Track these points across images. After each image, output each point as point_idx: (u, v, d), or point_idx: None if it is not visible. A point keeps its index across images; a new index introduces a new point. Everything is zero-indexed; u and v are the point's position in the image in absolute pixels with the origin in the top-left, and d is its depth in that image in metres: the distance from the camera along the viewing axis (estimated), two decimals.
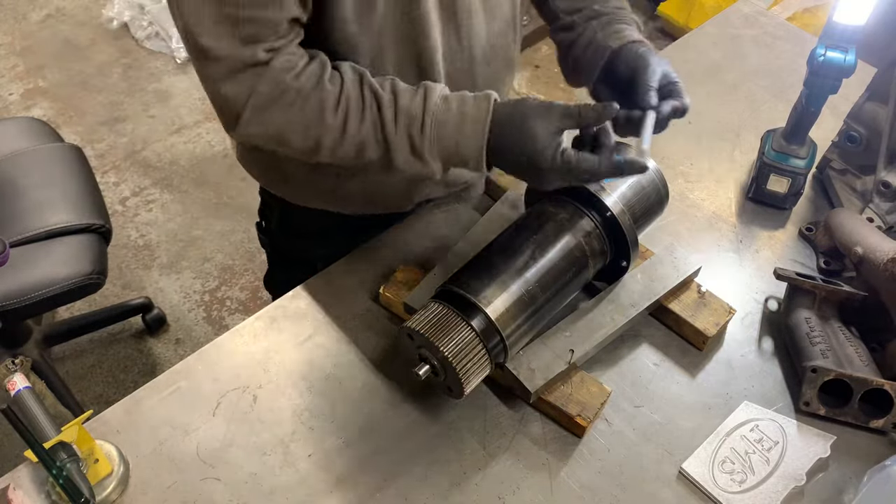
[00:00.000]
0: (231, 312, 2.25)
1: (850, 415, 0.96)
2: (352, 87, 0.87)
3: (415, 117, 0.87)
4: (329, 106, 0.86)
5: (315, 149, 0.90)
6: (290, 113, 0.86)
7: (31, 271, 1.55)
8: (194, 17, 0.81)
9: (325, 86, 0.86)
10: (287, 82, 0.85)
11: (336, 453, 0.92)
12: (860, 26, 1.05)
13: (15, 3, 3.17)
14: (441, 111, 0.86)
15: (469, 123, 0.86)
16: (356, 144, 0.89)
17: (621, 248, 0.98)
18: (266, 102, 0.85)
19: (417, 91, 0.88)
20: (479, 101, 0.87)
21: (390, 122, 0.87)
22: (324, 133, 0.88)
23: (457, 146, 0.87)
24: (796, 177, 1.18)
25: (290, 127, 0.88)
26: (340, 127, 0.87)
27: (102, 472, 0.86)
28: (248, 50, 0.83)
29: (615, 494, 0.90)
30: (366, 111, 0.87)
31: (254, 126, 0.88)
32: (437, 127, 0.86)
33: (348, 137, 0.88)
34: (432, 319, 0.87)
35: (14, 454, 1.90)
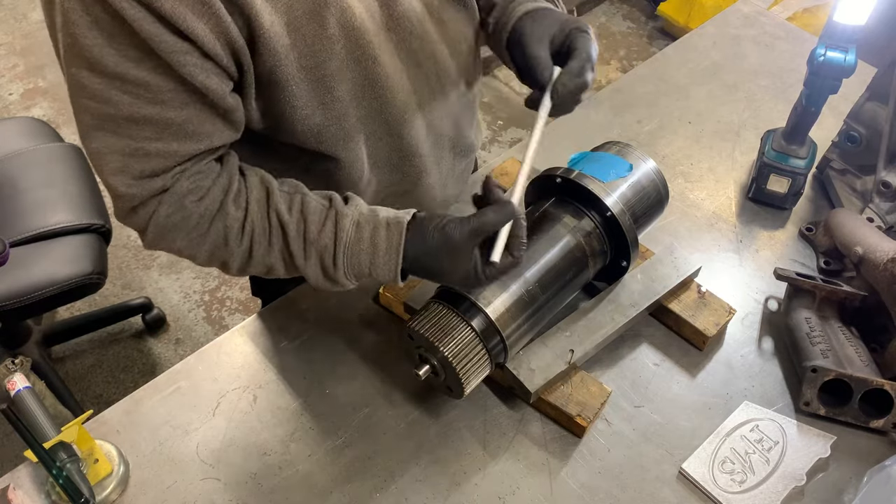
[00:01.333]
0: (231, 312, 2.25)
1: (850, 415, 0.96)
2: (257, 211, 0.84)
3: (325, 248, 0.84)
4: (233, 234, 0.84)
5: (223, 267, 0.88)
6: (192, 237, 0.83)
7: (31, 271, 1.55)
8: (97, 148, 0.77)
9: (228, 211, 0.83)
10: (189, 208, 0.81)
11: (336, 453, 0.92)
12: (860, 26, 1.05)
13: (15, 3, 3.18)
14: (353, 242, 0.84)
15: (381, 254, 0.84)
16: (265, 266, 0.87)
17: (621, 248, 0.98)
18: (168, 225, 0.82)
19: (327, 217, 0.84)
20: (392, 230, 0.84)
21: (299, 254, 0.85)
22: (229, 257, 0.85)
23: (370, 272, 0.86)
24: (796, 177, 1.18)
25: (194, 250, 0.85)
26: (246, 252, 0.85)
27: (102, 472, 0.86)
28: (149, 184, 0.79)
29: (615, 494, 0.91)
30: (273, 239, 0.85)
31: (159, 245, 0.85)
32: (350, 256, 0.84)
33: (255, 261, 0.86)
34: (432, 319, 0.87)
35: (14, 454, 1.90)
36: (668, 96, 1.41)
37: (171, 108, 0.75)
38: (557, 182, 0.98)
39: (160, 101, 0.74)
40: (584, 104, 1.37)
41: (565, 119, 1.36)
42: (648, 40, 3.21)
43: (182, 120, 0.76)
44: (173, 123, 0.76)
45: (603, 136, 1.25)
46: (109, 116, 0.74)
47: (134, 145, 0.76)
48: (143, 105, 0.74)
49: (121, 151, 0.77)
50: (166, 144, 0.77)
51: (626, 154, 1.02)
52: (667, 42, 3.07)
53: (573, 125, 1.34)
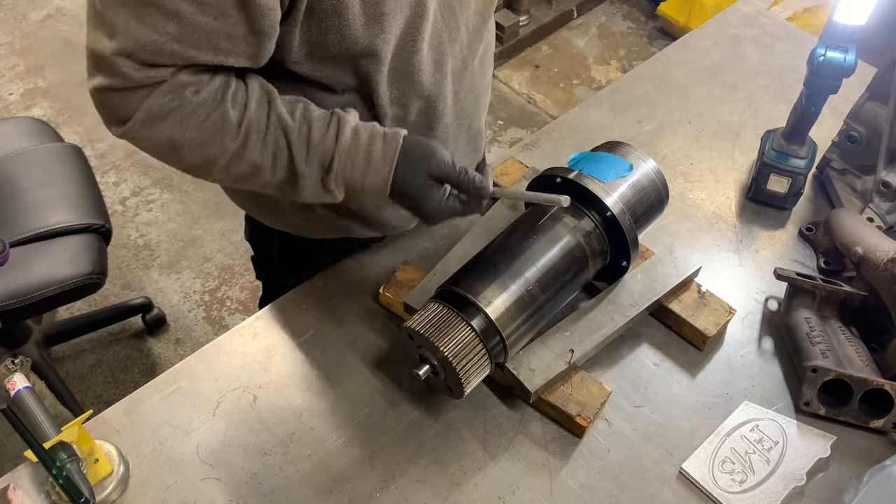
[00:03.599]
0: (231, 312, 2.25)
1: (850, 415, 0.96)
2: (256, 109, 0.83)
3: (326, 152, 0.85)
4: (230, 128, 0.82)
5: (206, 165, 0.85)
6: (186, 127, 0.81)
7: (31, 271, 1.55)
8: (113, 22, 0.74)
9: (226, 106, 0.82)
10: (187, 97, 0.80)
11: (336, 453, 0.92)
12: (860, 26, 1.05)
13: (15, 3, 3.17)
14: (350, 147, 0.86)
15: (374, 165, 0.87)
16: (253, 166, 0.86)
17: (621, 248, 0.98)
18: (161, 113, 0.80)
19: (330, 122, 0.86)
20: (389, 141, 0.87)
21: (301, 155, 0.85)
22: (219, 154, 0.84)
23: (362, 183, 0.88)
24: (796, 177, 1.18)
25: (184, 142, 0.82)
26: (238, 150, 0.84)
27: (102, 472, 0.86)
28: (151, 72, 0.77)
29: (615, 494, 0.90)
30: (268, 137, 0.84)
31: (143, 132, 0.82)
32: (345, 160, 0.86)
33: (245, 160, 0.85)
34: (432, 319, 0.87)
35: (14, 454, 1.90)
36: (668, 96, 1.41)
37: (207, 12, 0.74)
38: (557, 182, 0.98)
39: (199, 2, 0.73)
40: (584, 104, 1.38)
41: (566, 119, 1.36)
42: (648, 40, 3.21)
43: (210, 30, 0.75)
44: (200, 30, 0.75)
45: (603, 136, 1.25)
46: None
47: (153, 37, 0.74)
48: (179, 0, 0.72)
49: (137, 39, 0.74)
50: (184, 48, 0.76)
51: (626, 154, 1.02)
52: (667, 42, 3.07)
53: (573, 125, 1.34)
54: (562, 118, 1.36)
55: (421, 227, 1.16)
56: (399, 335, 0.91)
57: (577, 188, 0.96)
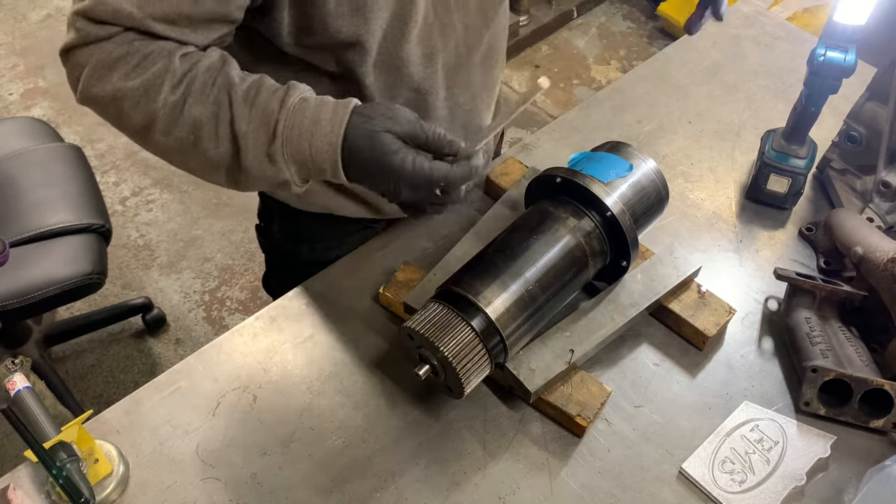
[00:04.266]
0: (231, 312, 2.25)
1: (850, 415, 0.96)
2: (205, 69, 0.80)
3: (270, 114, 0.80)
4: (171, 78, 0.78)
5: (148, 127, 0.81)
6: (129, 76, 0.79)
7: (31, 271, 1.55)
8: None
9: (173, 59, 0.79)
10: (135, 46, 0.78)
11: (336, 453, 0.92)
12: (860, 26, 1.05)
13: (15, 3, 3.18)
14: (296, 110, 0.80)
15: (322, 128, 0.79)
16: (192, 128, 0.80)
17: (621, 248, 0.98)
18: (109, 61, 0.79)
19: (278, 88, 0.81)
20: (338, 108, 0.80)
21: (242, 118, 0.80)
22: (158, 108, 0.79)
23: (310, 152, 0.80)
24: (796, 177, 1.18)
25: (125, 92, 0.79)
26: (177, 103, 0.79)
27: (102, 472, 0.86)
28: (107, 28, 0.78)
29: (615, 494, 0.91)
30: (210, 95, 0.80)
31: (94, 87, 0.80)
32: (291, 128, 0.80)
33: (183, 119, 0.80)
34: (432, 319, 0.87)
35: (14, 454, 1.90)
36: (668, 96, 1.41)
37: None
38: (557, 182, 0.98)
39: None
40: (584, 104, 1.38)
41: (566, 119, 1.36)
42: (648, 40, 3.21)
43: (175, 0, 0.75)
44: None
45: (603, 136, 1.25)
46: None
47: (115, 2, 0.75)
48: None
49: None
50: (141, 14, 0.76)
51: (626, 154, 1.02)
52: (667, 42, 3.07)
53: (573, 125, 1.34)
54: (562, 118, 1.36)
55: (421, 226, 1.16)
56: (399, 335, 0.91)
57: (576, 188, 0.96)
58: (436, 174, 0.80)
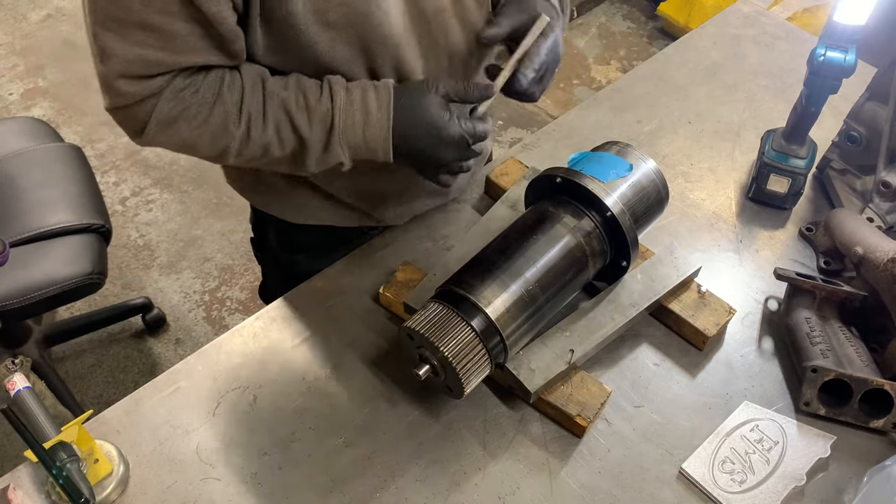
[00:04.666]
0: (231, 312, 2.25)
1: (850, 415, 0.96)
2: (251, 93, 0.88)
3: (325, 113, 0.89)
4: (231, 118, 0.88)
5: (223, 154, 0.92)
6: (194, 126, 0.88)
7: (31, 271, 1.55)
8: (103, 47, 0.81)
9: (224, 97, 0.88)
10: (187, 100, 0.86)
11: (336, 453, 0.92)
12: (860, 26, 1.05)
13: (15, 3, 3.17)
14: (346, 104, 0.90)
15: (374, 113, 0.90)
16: (262, 146, 0.91)
17: (621, 248, 0.98)
18: (170, 119, 0.87)
19: (322, 87, 0.90)
20: (380, 91, 0.91)
21: (304, 124, 0.89)
22: (230, 142, 0.90)
23: (364, 136, 0.91)
24: (796, 177, 1.18)
25: (196, 139, 0.89)
26: (244, 134, 0.89)
27: (102, 472, 0.86)
28: (149, 83, 0.84)
29: (615, 494, 0.91)
30: (268, 115, 0.89)
31: (160, 138, 0.89)
32: (345, 119, 0.90)
33: (253, 142, 0.90)
34: (432, 319, 0.87)
35: (14, 454, 1.90)
36: (668, 96, 1.41)
37: (178, 20, 0.80)
38: (557, 182, 0.98)
39: (168, 12, 0.79)
40: (584, 104, 1.38)
41: (566, 119, 1.36)
42: (648, 40, 3.21)
43: (186, 33, 0.81)
44: (178, 36, 0.81)
45: (603, 136, 1.25)
46: (119, 19, 0.79)
47: (138, 51, 0.81)
48: (151, 13, 0.78)
49: (124, 56, 0.81)
50: (168, 55, 0.83)
51: (626, 154, 1.02)
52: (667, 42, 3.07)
53: (573, 125, 1.34)
54: (562, 118, 1.36)
55: (421, 226, 1.16)
56: (399, 335, 0.91)
57: (576, 188, 0.96)
58: (478, 129, 0.93)
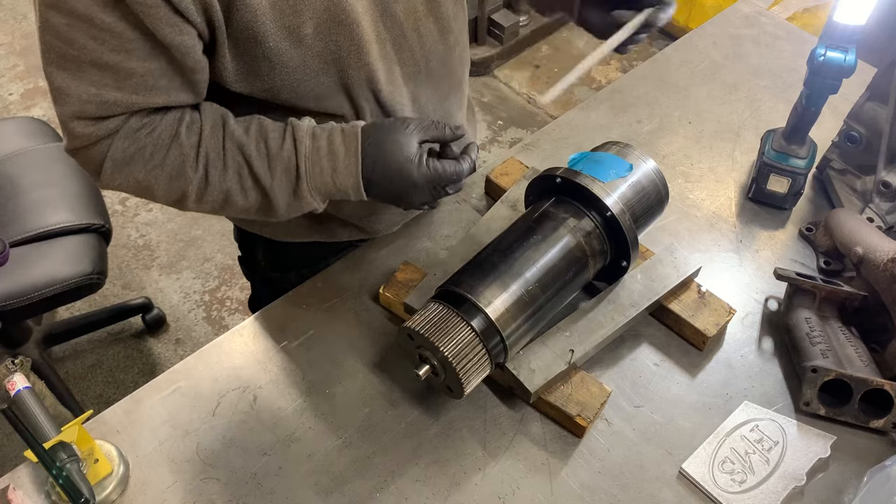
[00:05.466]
0: (231, 312, 2.25)
1: (850, 415, 0.96)
2: (210, 135, 0.85)
3: (288, 161, 0.86)
4: (189, 161, 0.85)
5: (181, 199, 0.88)
6: (150, 167, 0.85)
7: (31, 271, 1.55)
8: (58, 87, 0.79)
9: (181, 139, 0.84)
10: (142, 140, 0.83)
11: (336, 453, 0.92)
12: (860, 26, 1.05)
13: (15, 3, 3.18)
14: (312, 151, 0.87)
15: (341, 159, 0.87)
16: (222, 193, 0.88)
17: (621, 248, 0.98)
18: (124, 159, 0.84)
19: (286, 132, 0.87)
20: (347, 135, 0.87)
21: (265, 174, 0.86)
22: (187, 185, 0.86)
23: (333, 183, 0.88)
24: (796, 177, 1.18)
25: (152, 181, 0.86)
26: (202, 178, 0.86)
27: (102, 472, 0.86)
28: (104, 125, 0.81)
29: (615, 494, 0.91)
30: (227, 160, 0.86)
31: (116, 180, 0.86)
32: (312, 166, 0.87)
33: (211, 188, 0.87)
34: (432, 319, 0.87)
35: (14, 454, 1.91)
36: (668, 96, 1.41)
37: (135, 58, 0.76)
38: (557, 182, 0.98)
39: (124, 50, 0.75)
40: (584, 104, 1.38)
41: (566, 119, 1.36)
42: (648, 40, 3.21)
43: (143, 72, 0.78)
44: (135, 74, 0.77)
45: (603, 136, 1.25)
46: (73, 58, 0.75)
47: (94, 91, 0.78)
48: (106, 52, 0.75)
49: (79, 96, 0.78)
50: (125, 95, 0.79)
51: (626, 154, 1.02)
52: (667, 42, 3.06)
53: (573, 125, 1.34)
54: (562, 118, 1.36)
55: (421, 226, 1.16)
56: (399, 335, 0.91)
57: (576, 188, 0.96)
58: (448, 171, 0.89)
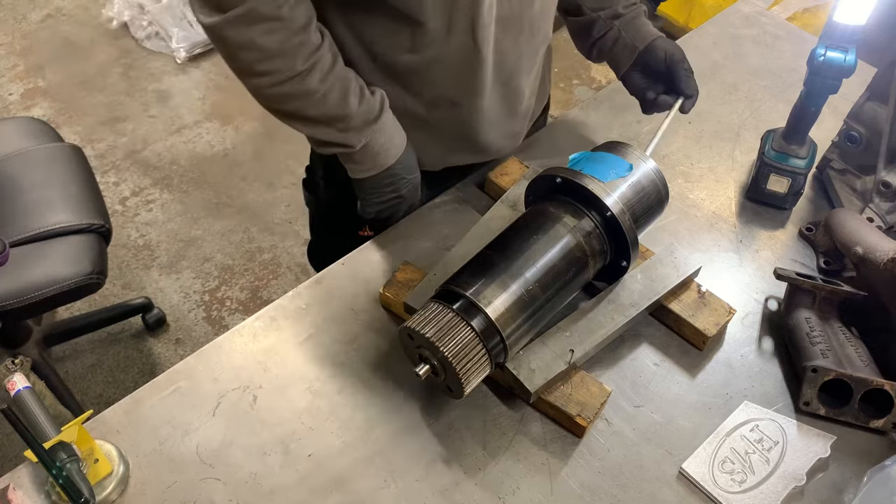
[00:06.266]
0: (231, 312, 2.25)
1: (850, 415, 0.96)
2: (329, 48, 0.94)
3: (373, 106, 1.00)
4: (304, 52, 0.91)
5: (265, 77, 0.93)
6: (267, 36, 0.89)
7: (31, 271, 1.55)
8: None
9: (309, 32, 0.91)
10: (283, 11, 0.88)
11: (336, 453, 0.92)
12: (860, 26, 1.05)
13: (15, 3, 3.18)
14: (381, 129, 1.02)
15: (388, 152, 1.05)
16: (305, 91, 0.94)
17: (621, 248, 0.98)
18: (258, 16, 0.87)
19: (375, 93, 1.01)
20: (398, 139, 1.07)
21: (354, 97, 0.98)
22: (285, 70, 0.92)
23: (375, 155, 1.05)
24: (796, 177, 1.18)
25: (259, 48, 0.90)
26: (303, 73, 0.92)
27: (102, 472, 0.86)
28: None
29: (615, 494, 0.91)
30: (330, 74, 0.95)
31: (231, 29, 0.89)
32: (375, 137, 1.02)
33: (304, 84, 0.93)
34: (432, 319, 0.87)
35: (14, 454, 1.90)
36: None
37: None
38: (557, 182, 0.98)
39: None
40: (584, 104, 1.38)
41: (566, 119, 1.36)
42: None
43: None
44: None
45: (603, 136, 1.25)
46: None
47: None
48: None
49: None
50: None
51: (626, 154, 1.02)
52: None
53: (573, 125, 1.34)
54: (562, 118, 1.36)
55: (421, 226, 1.16)
56: (399, 335, 0.91)
57: (577, 188, 0.96)
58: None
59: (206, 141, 2.72)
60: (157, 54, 3.01)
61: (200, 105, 2.84)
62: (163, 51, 3.01)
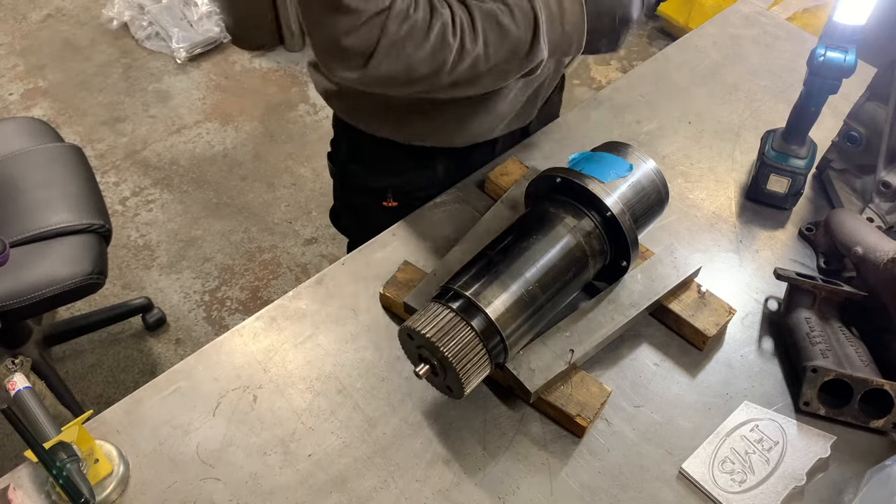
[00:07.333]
0: (231, 312, 2.25)
1: (850, 415, 0.96)
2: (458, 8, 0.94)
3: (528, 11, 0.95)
4: (448, 29, 0.92)
5: (433, 74, 0.94)
6: (420, 44, 0.91)
7: (31, 271, 1.55)
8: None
9: (438, 12, 0.92)
10: (412, 16, 0.90)
11: (336, 453, 0.92)
12: (860, 26, 1.05)
13: (15, 3, 3.18)
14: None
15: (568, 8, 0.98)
16: (472, 57, 0.94)
17: (621, 248, 0.98)
18: (401, 38, 0.90)
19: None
20: None
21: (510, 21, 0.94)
22: (448, 54, 0.93)
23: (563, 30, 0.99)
24: (796, 177, 1.18)
25: (418, 58, 0.92)
26: (459, 46, 0.93)
27: (102, 472, 0.86)
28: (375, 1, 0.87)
29: (615, 494, 0.91)
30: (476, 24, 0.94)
31: (384, 64, 0.91)
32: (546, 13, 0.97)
33: (466, 52, 0.94)
34: (432, 319, 0.87)
35: (14, 454, 1.91)
36: (668, 96, 1.41)
37: None
38: (557, 182, 0.98)
39: None
40: (584, 104, 1.38)
41: (566, 119, 1.36)
42: (648, 40, 3.22)
43: None
44: None
45: (603, 136, 1.25)
46: None
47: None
48: None
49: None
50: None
51: (626, 154, 1.02)
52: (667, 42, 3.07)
53: (573, 125, 1.34)
54: (562, 118, 1.36)
55: (421, 226, 1.16)
56: (399, 335, 0.91)
57: (576, 188, 0.96)
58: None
59: (205, 141, 2.72)
60: (157, 54, 3.01)
61: (200, 105, 2.84)
62: (163, 51, 3.01)
